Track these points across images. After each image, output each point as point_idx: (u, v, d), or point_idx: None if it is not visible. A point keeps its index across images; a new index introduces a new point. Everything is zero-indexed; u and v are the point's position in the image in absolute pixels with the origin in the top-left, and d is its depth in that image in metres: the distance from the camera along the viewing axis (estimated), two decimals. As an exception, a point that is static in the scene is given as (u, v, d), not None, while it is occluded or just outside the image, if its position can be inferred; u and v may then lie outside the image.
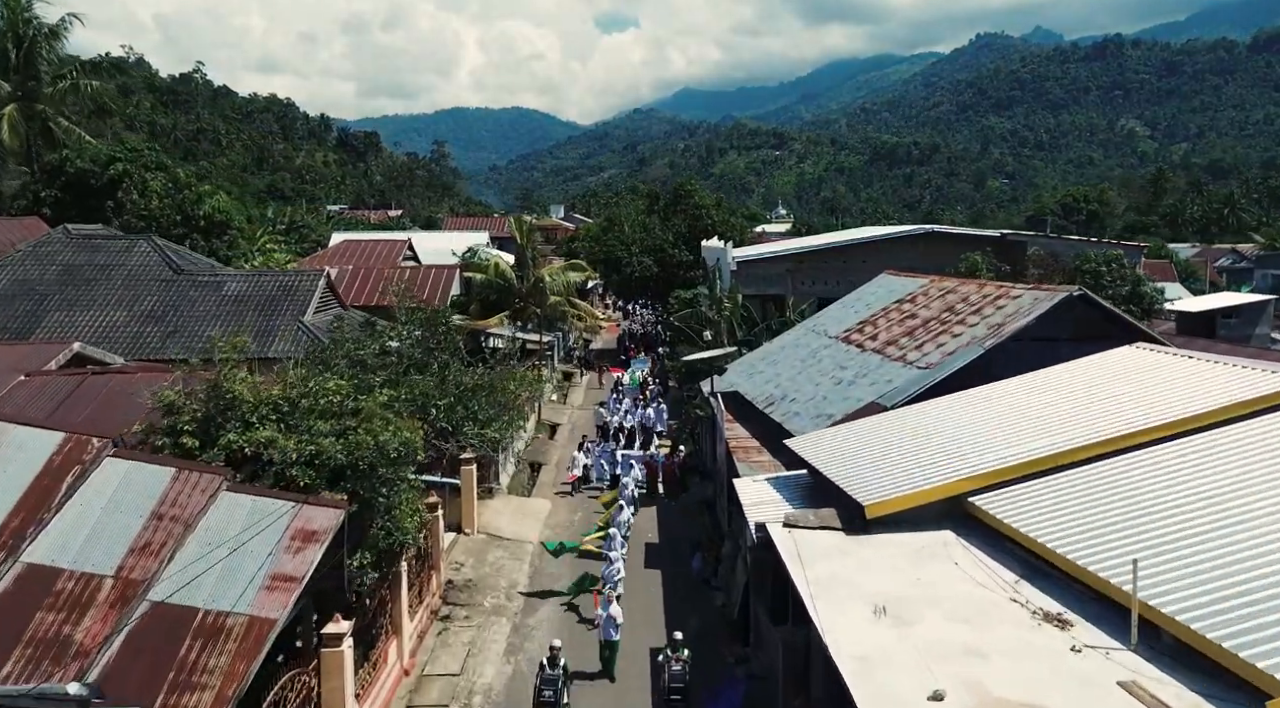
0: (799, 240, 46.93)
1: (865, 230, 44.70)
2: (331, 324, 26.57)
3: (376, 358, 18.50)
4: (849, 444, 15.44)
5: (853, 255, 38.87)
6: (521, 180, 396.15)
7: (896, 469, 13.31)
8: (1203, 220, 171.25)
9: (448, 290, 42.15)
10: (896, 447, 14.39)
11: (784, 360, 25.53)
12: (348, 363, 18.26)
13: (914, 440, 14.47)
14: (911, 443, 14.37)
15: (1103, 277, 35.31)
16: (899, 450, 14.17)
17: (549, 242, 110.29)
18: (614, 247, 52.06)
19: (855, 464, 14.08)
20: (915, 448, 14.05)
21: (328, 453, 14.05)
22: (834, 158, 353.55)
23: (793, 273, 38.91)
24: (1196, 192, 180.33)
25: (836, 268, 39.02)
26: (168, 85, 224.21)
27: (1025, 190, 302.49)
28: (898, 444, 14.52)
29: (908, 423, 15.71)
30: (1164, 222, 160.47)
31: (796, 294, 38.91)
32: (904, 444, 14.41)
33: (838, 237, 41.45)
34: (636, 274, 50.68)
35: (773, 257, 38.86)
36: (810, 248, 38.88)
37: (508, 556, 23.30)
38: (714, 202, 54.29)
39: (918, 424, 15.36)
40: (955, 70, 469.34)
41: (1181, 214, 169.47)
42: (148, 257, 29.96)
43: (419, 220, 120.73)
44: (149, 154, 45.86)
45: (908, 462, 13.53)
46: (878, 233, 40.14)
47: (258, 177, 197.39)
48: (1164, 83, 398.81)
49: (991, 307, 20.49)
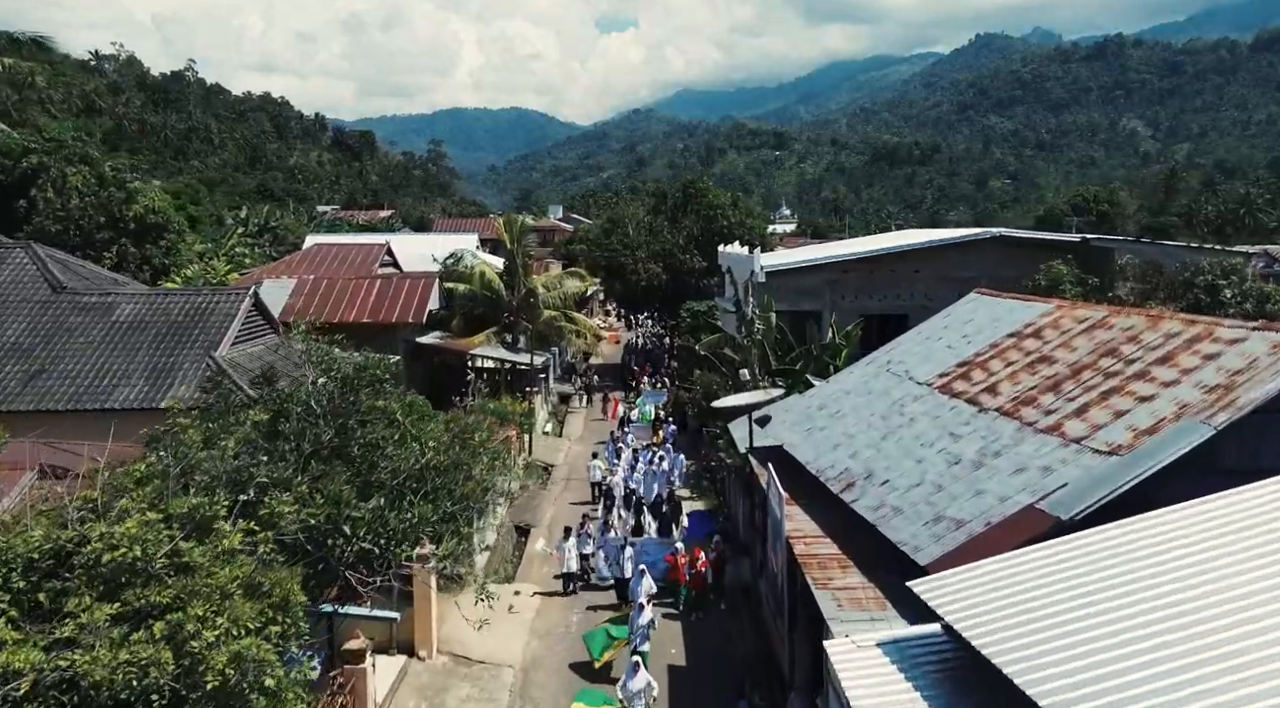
0: (837, 246, 39.77)
1: (917, 235, 37.60)
2: (256, 361, 19.65)
3: (262, 442, 11.53)
4: (1028, 601, 8.53)
5: (904, 264, 31.93)
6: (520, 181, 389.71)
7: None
8: (1218, 221, 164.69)
9: (424, 305, 35.19)
10: (1119, 623, 7.41)
11: (854, 413, 18.57)
12: (236, 445, 11.39)
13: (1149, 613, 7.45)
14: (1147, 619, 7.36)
15: (1221, 291, 28.41)
16: (1129, 636, 7.16)
17: (545, 244, 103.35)
18: (617, 251, 45.13)
19: (1053, 654, 7.22)
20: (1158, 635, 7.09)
21: (93, 678, 7.13)
22: (834, 158, 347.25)
23: (834, 285, 31.96)
24: (1211, 192, 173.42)
25: (885, 279, 32.07)
26: (158, 83, 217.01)
27: (1028, 190, 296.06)
28: (1120, 619, 7.52)
29: (1121, 567, 8.69)
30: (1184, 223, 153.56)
31: (838, 311, 31.99)
32: (1135, 621, 7.44)
33: (886, 241, 34.18)
34: (643, 282, 43.79)
35: (809, 266, 31.91)
36: (855, 256, 31.92)
37: (478, 696, 16.34)
38: (729, 200, 47.37)
39: (1141, 574, 8.37)
40: (955, 70, 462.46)
41: (1197, 215, 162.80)
42: (22, 270, 22.93)
43: (410, 221, 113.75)
44: (73, 146, 38.81)
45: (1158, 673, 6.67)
46: (934, 237, 33.12)
47: (251, 176, 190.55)
48: (1165, 83, 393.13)
49: (1190, 354, 13.53)
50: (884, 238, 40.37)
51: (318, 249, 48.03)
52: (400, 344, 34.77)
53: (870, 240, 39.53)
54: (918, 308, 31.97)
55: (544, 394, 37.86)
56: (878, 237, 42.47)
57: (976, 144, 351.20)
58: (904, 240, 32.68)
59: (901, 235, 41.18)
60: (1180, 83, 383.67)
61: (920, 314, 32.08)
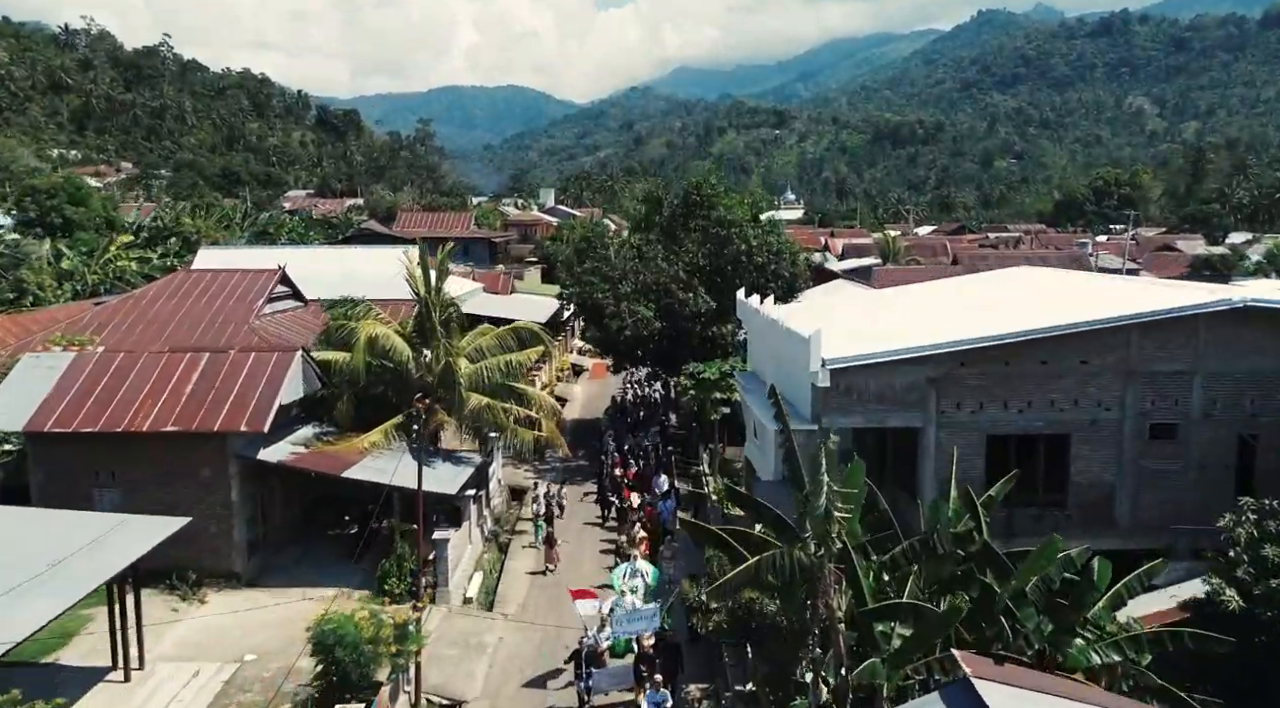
0: (930, 300, 23.77)
1: (1076, 304, 22.01)
2: None
3: None
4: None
5: (1064, 350, 18.20)
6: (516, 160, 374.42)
7: None
8: (1251, 207, 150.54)
9: (270, 398, 21.44)
10: None
11: None
12: None
13: None
14: None
15: None
16: None
17: (526, 240, 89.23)
18: (593, 285, 31.20)
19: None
20: None
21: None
22: (835, 137, 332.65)
23: (942, 386, 18.26)
24: (1242, 175, 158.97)
25: (1031, 375, 18.36)
26: (131, 59, 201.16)
27: (1034, 170, 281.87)
28: None
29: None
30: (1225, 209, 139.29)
31: (949, 427, 18.37)
32: None
33: (1028, 321, 19.37)
34: (627, 330, 30.02)
35: (898, 360, 18.09)
36: (978, 342, 18.10)
37: None
38: (746, 209, 33.02)
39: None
40: (957, 47, 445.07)
41: (1229, 199, 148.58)
42: None
43: (379, 211, 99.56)
44: None
45: None
46: (1120, 311, 18.99)
47: (226, 157, 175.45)
48: (1172, 59, 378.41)
49: None
50: (1002, 282, 25.82)
51: (184, 278, 34.24)
52: (232, 462, 21.19)
53: (984, 287, 24.58)
54: (1086, 424, 18.38)
55: (468, 532, 24.16)
56: (994, 278, 26.72)
57: (980, 123, 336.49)
58: (1066, 319, 18.74)
59: (1004, 275, 26.91)
60: (1187, 59, 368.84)
61: (1093, 433, 18.47)
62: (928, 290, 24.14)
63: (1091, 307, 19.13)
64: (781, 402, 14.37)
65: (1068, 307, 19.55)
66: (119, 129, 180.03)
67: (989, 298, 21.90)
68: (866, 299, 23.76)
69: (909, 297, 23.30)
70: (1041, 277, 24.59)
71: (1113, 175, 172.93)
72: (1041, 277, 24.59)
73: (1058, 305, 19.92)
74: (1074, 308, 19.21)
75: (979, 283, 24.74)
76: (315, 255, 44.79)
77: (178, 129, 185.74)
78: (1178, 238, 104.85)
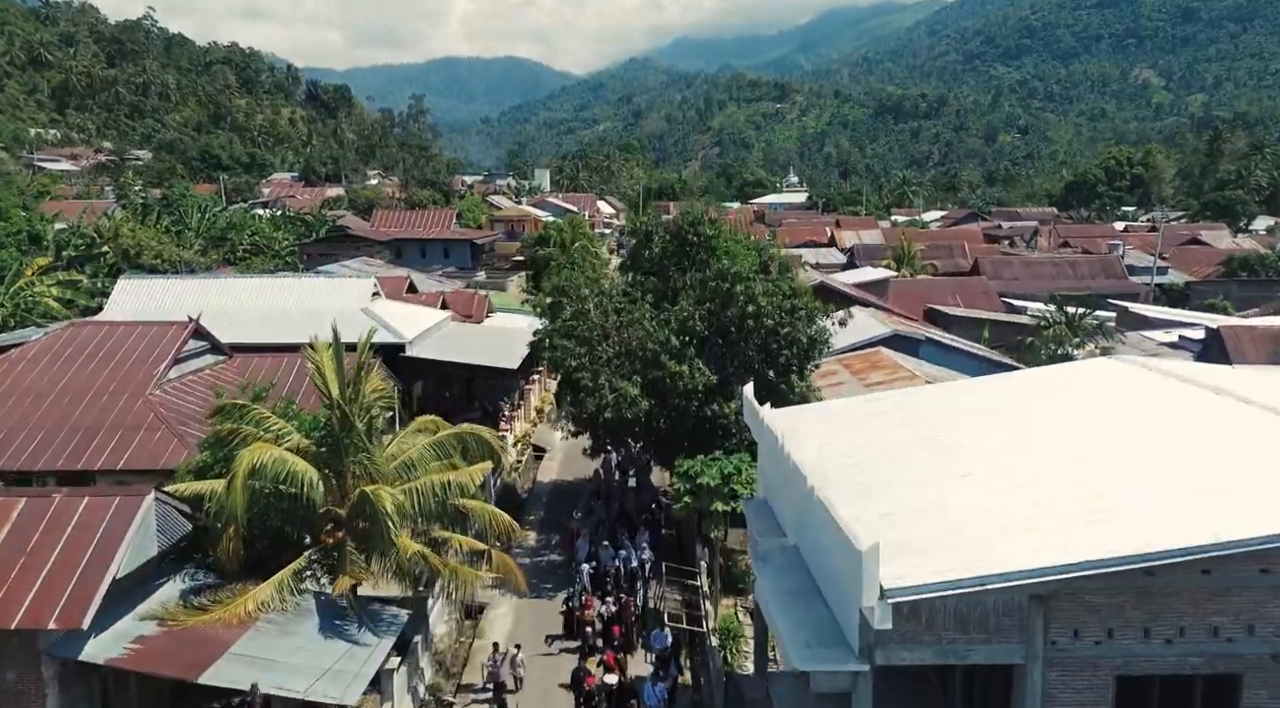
0: (1047, 529, 15.86)
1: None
2: None
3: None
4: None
5: (1236, 555, 11.94)
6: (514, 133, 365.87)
7: None
8: (1270, 188, 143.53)
9: (100, 573, 15.27)
10: None
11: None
12: None
13: None
14: None
15: None
16: None
17: (514, 236, 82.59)
18: (569, 351, 24.85)
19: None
20: None
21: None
22: (837, 110, 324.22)
23: (1049, 606, 12.07)
24: (1260, 154, 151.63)
25: (1186, 590, 12.11)
26: (113, 34, 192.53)
27: (1040, 145, 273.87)
28: None
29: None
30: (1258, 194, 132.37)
31: (1061, 668, 12.18)
32: None
33: (1179, 514, 12.50)
34: (608, 411, 23.81)
35: (988, 588, 11.81)
36: (1119, 564, 11.78)
37: None
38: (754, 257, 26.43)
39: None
40: (961, 17, 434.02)
41: (1246, 181, 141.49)
42: None
43: (358, 203, 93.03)
44: None
45: None
46: None
47: (212, 136, 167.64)
48: (1179, 30, 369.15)
49: None
50: (1098, 410, 17.65)
51: (73, 334, 27.90)
52: (46, 664, 15.03)
53: (1082, 419, 16.31)
54: (1267, 659, 12.16)
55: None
56: (1083, 399, 17.44)
57: (984, 96, 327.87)
58: (1243, 499, 12.38)
59: (1092, 397, 19.11)
60: (1194, 30, 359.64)
61: (1277, 672, 12.26)
62: (1000, 425, 17.12)
63: (1261, 474, 12.87)
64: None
65: (1221, 471, 13.31)
66: (101, 107, 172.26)
67: (1095, 447, 15.11)
68: (903, 423, 17.10)
69: (966, 432, 16.34)
70: (1148, 400, 17.19)
71: (1124, 154, 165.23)
72: (1148, 400, 17.19)
73: (1204, 469, 13.64)
74: (1234, 477, 12.94)
75: (1063, 405, 17.86)
76: (261, 286, 38.45)
77: (161, 107, 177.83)
78: (1201, 229, 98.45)
